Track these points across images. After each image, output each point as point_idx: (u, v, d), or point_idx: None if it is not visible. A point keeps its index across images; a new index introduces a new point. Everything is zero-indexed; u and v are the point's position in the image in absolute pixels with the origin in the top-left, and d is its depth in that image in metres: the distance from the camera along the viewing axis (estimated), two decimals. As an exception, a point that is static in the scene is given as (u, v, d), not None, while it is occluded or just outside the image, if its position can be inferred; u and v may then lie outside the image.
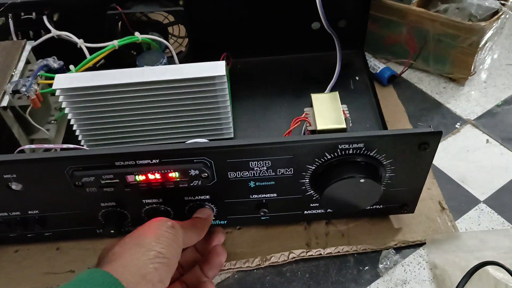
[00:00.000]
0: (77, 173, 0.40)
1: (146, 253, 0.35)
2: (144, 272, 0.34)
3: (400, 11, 0.60)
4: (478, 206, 0.50)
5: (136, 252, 0.35)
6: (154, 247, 0.35)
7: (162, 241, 0.36)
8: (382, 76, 0.62)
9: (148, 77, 0.46)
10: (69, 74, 0.48)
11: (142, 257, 0.34)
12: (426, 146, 0.40)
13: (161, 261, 0.35)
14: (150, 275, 0.34)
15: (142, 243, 0.36)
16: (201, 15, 0.57)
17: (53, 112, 0.55)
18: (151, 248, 0.35)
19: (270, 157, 0.40)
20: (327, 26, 0.57)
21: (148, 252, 0.35)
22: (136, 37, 0.53)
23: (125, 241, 0.36)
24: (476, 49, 0.58)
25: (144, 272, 0.34)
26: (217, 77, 0.46)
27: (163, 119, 0.49)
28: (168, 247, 0.36)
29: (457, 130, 0.58)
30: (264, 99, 0.58)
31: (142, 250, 0.35)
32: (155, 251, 0.35)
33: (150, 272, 0.34)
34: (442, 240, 0.47)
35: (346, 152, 0.40)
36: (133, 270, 0.34)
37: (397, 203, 0.46)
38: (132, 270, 0.33)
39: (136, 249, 0.35)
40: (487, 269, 0.43)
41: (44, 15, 0.55)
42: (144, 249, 0.35)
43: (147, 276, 0.34)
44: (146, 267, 0.34)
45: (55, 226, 0.46)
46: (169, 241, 0.37)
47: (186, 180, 0.41)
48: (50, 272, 0.47)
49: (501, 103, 0.60)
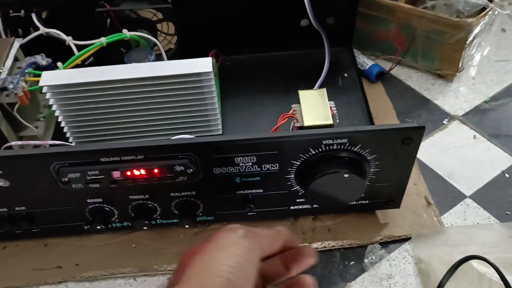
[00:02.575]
0: (63, 169, 0.40)
1: (212, 280, 0.29)
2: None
3: (389, 7, 0.60)
4: (464, 201, 0.50)
5: (202, 278, 0.30)
6: (222, 272, 0.30)
7: (232, 262, 0.30)
8: (370, 72, 0.62)
9: (134, 73, 0.46)
10: (57, 71, 0.48)
11: (208, 286, 0.29)
12: (410, 141, 0.40)
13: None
14: None
15: (210, 265, 0.30)
16: (190, 12, 0.58)
17: (41, 109, 0.55)
18: (218, 273, 0.30)
19: (255, 152, 0.41)
20: (315, 23, 0.57)
21: (214, 279, 0.29)
22: (124, 34, 0.53)
23: (194, 259, 0.31)
24: (463, 45, 0.58)
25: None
26: (204, 74, 0.46)
27: (151, 116, 0.50)
28: (241, 271, 0.30)
29: (445, 126, 0.58)
30: (253, 96, 0.59)
31: (209, 276, 0.30)
32: (222, 278, 0.29)
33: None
34: (427, 235, 0.47)
35: (330, 148, 0.40)
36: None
37: (383, 198, 0.47)
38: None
39: (202, 274, 0.30)
40: (471, 263, 0.44)
41: (33, 13, 0.55)
42: (210, 274, 0.30)
43: None
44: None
45: (42, 222, 0.46)
46: (242, 259, 0.31)
47: (172, 176, 0.41)
48: (38, 268, 0.47)
49: (489, 100, 0.61)
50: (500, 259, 0.43)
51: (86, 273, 0.46)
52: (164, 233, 0.49)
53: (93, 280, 0.46)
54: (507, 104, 0.60)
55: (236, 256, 0.31)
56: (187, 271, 0.30)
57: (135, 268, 0.46)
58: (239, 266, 0.30)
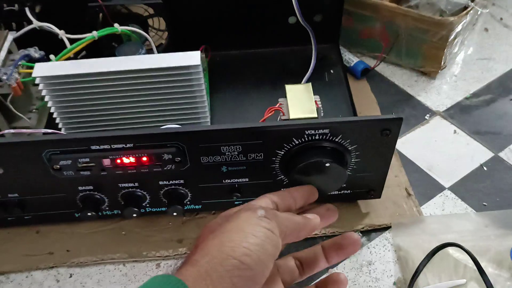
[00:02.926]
0: (55, 157, 0.41)
1: (225, 261, 0.28)
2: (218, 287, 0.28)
3: (374, 6, 0.62)
4: (443, 193, 0.52)
5: (214, 257, 0.29)
6: (236, 253, 0.29)
7: (250, 244, 0.29)
8: (356, 69, 0.64)
9: (125, 66, 0.47)
10: (49, 63, 0.49)
11: (219, 267, 0.28)
12: (388, 132, 0.42)
13: (241, 274, 0.28)
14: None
15: (224, 245, 0.29)
16: (181, 8, 0.59)
17: (34, 101, 0.56)
18: (232, 254, 0.29)
19: (240, 142, 0.42)
20: (302, 20, 0.59)
21: (227, 261, 0.28)
22: (115, 28, 0.54)
23: (209, 238, 0.30)
24: (445, 43, 0.60)
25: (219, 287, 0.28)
26: (192, 67, 0.48)
27: (141, 107, 0.51)
28: (257, 252, 0.29)
29: (426, 121, 0.60)
30: (241, 90, 0.60)
31: (222, 257, 0.28)
32: (235, 260, 0.28)
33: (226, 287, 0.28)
34: (407, 224, 0.49)
35: (312, 138, 0.42)
36: (207, 282, 0.28)
37: (364, 188, 0.48)
38: (206, 282, 0.28)
39: (216, 254, 0.29)
40: (447, 250, 0.46)
41: (27, 7, 0.56)
42: (224, 255, 0.29)
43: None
44: (221, 281, 0.28)
45: (34, 209, 0.48)
46: (260, 243, 0.29)
47: (160, 164, 0.43)
48: (30, 254, 0.48)
49: (470, 96, 0.63)
50: (475, 246, 0.45)
51: (77, 259, 0.48)
52: (153, 221, 0.50)
53: (83, 265, 0.48)
54: (487, 101, 0.62)
55: (252, 237, 0.29)
56: (203, 249, 0.30)
57: (124, 254, 0.48)
58: (255, 248, 0.29)
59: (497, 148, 0.56)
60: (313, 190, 0.41)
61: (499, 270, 0.45)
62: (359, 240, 0.39)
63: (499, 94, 0.63)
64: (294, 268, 0.39)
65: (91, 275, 0.47)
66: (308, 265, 0.40)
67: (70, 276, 0.47)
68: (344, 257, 0.40)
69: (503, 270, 0.45)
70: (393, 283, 0.46)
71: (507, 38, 0.71)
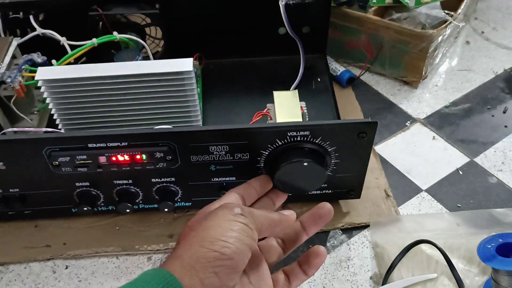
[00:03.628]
0: (54, 154, 0.44)
1: (206, 254, 0.31)
2: (202, 277, 0.31)
3: (358, 19, 0.66)
4: (420, 194, 0.56)
5: (196, 251, 0.32)
6: (215, 246, 0.32)
7: (227, 237, 0.32)
8: (341, 78, 0.68)
9: (122, 71, 0.51)
10: (51, 67, 0.53)
11: (201, 259, 0.31)
12: (364, 135, 0.45)
13: (222, 263, 0.31)
14: (208, 280, 0.31)
15: (204, 240, 0.32)
16: (176, 18, 0.63)
17: (36, 104, 0.59)
18: (212, 247, 0.32)
19: (227, 142, 0.45)
20: (290, 31, 0.63)
21: (209, 253, 0.31)
22: (114, 36, 0.58)
23: (191, 235, 0.34)
24: (426, 54, 0.64)
25: (203, 277, 0.31)
26: (185, 72, 0.51)
27: (137, 110, 0.54)
28: (235, 243, 0.32)
29: (407, 127, 0.63)
30: (233, 96, 0.63)
31: (203, 250, 0.32)
32: (216, 253, 0.31)
33: (209, 277, 0.31)
34: (384, 222, 0.52)
35: (294, 139, 0.45)
36: (192, 272, 0.31)
37: (344, 188, 0.51)
38: (191, 273, 0.31)
39: (197, 248, 0.32)
40: (420, 247, 0.49)
41: (31, 15, 0.59)
42: (205, 249, 0.32)
43: (205, 281, 0.31)
44: (204, 271, 0.31)
45: (34, 204, 0.51)
46: (237, 236, 0.32)
47: (152, 162, 0.46)
48: (28, 246, 0.51)
49: (449, 105, 0.66)
50: (447, 243, 0.48)
51: (73, 251, 0.50)
52: (146, 217, 0.53)
53: (78, 258, 0.51)
54: (466, 109, 0.65)
55: (230, 231, 0.32)
56: (185, 245, 0.33)
57: (117, 248, 0.51)
58: (233, 240, 0.32)
59: (473, 153, 0.60)
60: (267, 178, 0.44)
61: (469, 266, 0.48)
62: (332, 208, 0.42)
63: (477, 103, 0.66)
64: (276, 246, 0.42)
65: (85, 267, 0.50)
66: (289, 240, 0.42)
67: (66, 267, 0.50)
68: (321, 226, 0.42)
69: (472, 266, 0.48)
70: (370, 277, 0.48)
71: (487, 50, 0.75)
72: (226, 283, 0.32)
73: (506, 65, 0.72)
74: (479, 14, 0.81)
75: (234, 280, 0.33)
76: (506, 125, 0.63)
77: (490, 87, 0.69)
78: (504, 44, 0.75)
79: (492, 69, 0.71)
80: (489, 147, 0.60)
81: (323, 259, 0.40)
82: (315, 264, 0.40)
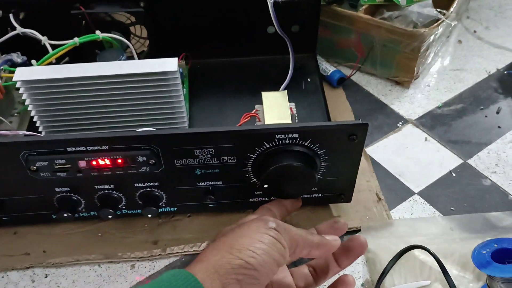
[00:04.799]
0: (32, 158, 0.42)
1: (232, 260, 0.32)
2: (224, 282, 0.31)
3: (349, 17, 0.64)
4: (412, 198, 0.54)
5: (223, 257, 0.32)
6: (242, 255, 0.32)
7: (256, 248, 0.33)
8: (332, 78, 0.66)
9: (103, 71, 0.49)
10: (30, 67, 0.51)
11: (226, 265, 0.32)
12: (355, 137, 0.44)
13: (246, 272, 0.32)
14: (230, 286, 0.31)
15: (234, 247, 0.33)
16: (162, 17, 0.61)
17: (16, 105, 0.57)
18: (238, 255, 0.32)
19: (213, 145, 0.44)
20: (279, 30, 0.61)
21: (234, 260, 0.32)
22: (97, 35, 0.56)
23: (221, 240, 0.34)
24: (417, 54, 0.62)
25: (225, 282, 0.31)
26: (170, 73, 0.49)
27: (120, 112, 0.52)
28: (262, 255, 0.32)
29: (399, 128, 0.62)
30: (220, 97, 0.62)
31: (230, 257, 0.32)
32: (242, 261, 0.32)
33: (231, 283, 0.31)
34: (376, 227, 0.51)
35: (283, 142, 0.44)
36: (215, 276, 0.31)
37: (335, 192, 0.50)
38: (213, 276, 0.31)
39: (224, 254, 0.32)
40: (413, 253, 0.47)
41: (11, 13, 0.57)
42: (232, 256, 0.32)
43: (227, 286, 0.31)
44: (227, 277, 0.31)
45: (12, 210, 0.49)
46: (265, 248, 0.33)
47: (135, 166, 0.44)
48: (6, 254, 0.49)
49: (442, 105, 0.65)
50: (440, 249, 0.47)
51: (53, 259, 0.48)
52: (129, 223, 0.52)
53: (59, 266, 0.49)
54: (458, 110, 0.64)
55: (259, 243, 0.33)
56: (214, 248, 0.34)
57: (100, 255, 0.49)
58: (261, 253, 0.32)
59: (466, 155, 0.58)
60: (298, 199, 0.48)
61: (463, 272, 0.46)
62: (366, 241, 0.42)
63: (469, 104, 0.65)
64: (308, 274, 0.42)
65: (66, 276, 0.48)
66: (321, 271, 0.42)
67: (46, 276, 0.48)
68: (354, 259, 0.42)
69: (467, 272, 0.46)
70: (361, 284, 0.47)
71: (480, 50, 0.73)
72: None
73: (499, 65, 0.71)
74: (471, 13, 0.80)
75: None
76: (499, 126, 0.62)
77: (483, 87, 0.67)
78: (497, 44, 0.74)
79: (485, 68, 0.70)
80: (482, 149, 0.59)
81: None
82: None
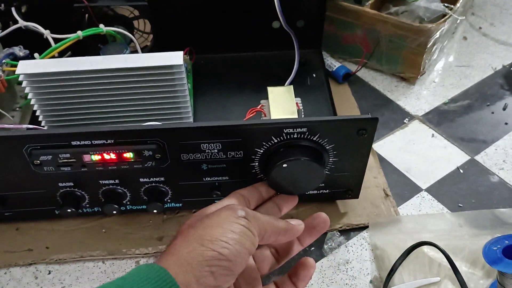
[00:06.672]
0: (35, 152, 0.42)
1: (204, 252, 0.31)
2: (198, 275, 0.30)
3: (355, 12, 0.64)
4: (420, 194, 0.53)
5: (195, 249, 0.31)
6: (215, 246, 0.31)
7: (228, 238, 0.32)
8: (337, 74, 0.65)
9: (107, 64, 0.48)
10: (33, 61, 0.50)
11: (199, 257, 0.31)
12: (364, 132, 0.43)
13: (219, 263, 0.31)
14: (203, 279, 0.30)
15: (204, 239, 0.32)
16: (166, 11, 0.60)
17: (18, 100, 0.57)
18: (211, 246, 0.31)
19: (219, 139, 0.43)
20: (285, 25, 0.60)
21: (207, 252, 0.31)
22: (100, 28, 0.55)
23: (190, 232, 0.33)
24: (424, 49, 0.62)
25: (198, 275, 0.30)
26: (175, 66, 0.49)
27: (124, 106, 0.52)
28: (235, 245, 0.32)
29: (405, 125, 0.61)
30: (225, 92, 0.61)
31: (202, 248, 0.31)
32: (215, 252, 0.31)
33: (204, 275, 0.30)
34: (384, 223, 0.50)
35: (291, 136, 0.43)
36: (187, 269, 0.30)
37: (342, 188, 0.49)
38: (186, 269, 0.30)
39: (196, 246, 0.31)
40: (422, 249, 0.47)
41: (13, 7, 0.56)
42: (204, 248, 0.31)
43: (200, 279, 0.30)
44: (201, 269, 0.30)
45: (15, 206, 0.48)
46: (237, 238, 0.32)
47: (140, 161, 0.43)
48: (9, 250, 0.48)
49: (448, 101, 0.64)
50: (449, 245, 0.46)
51: (56, 255, 0.48)
52: (134, 219, 0.51)
53: (62, 262, 0.48)
54: (465, 106, 0.64)
55: (231, 233, 0.32)
56: (183, 241, 0.32)
57: (103, 252, 0.48)
58: (233, 243, 0.32)
59: (473, 151, 0.58)
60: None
61: (473, 269, 0.46)
62: (327, 218, 0.41)
63: (476, 100, 0.64)
64: (270, 256, 0.41)
65: (69, 272, 0.47)
66: (283, 250, 0.41)
67: (49, 273, 0.47)
68: (316, 237, 0.41)
69: (476, 269, 0.46)
70: (370, 281, 0.46)
71: (485, 46, 0.73)
72: (220, 284, 0.31)
73: (505, 61, 0.70)
74: (476, 9, 0.80)
75: (228, 283, 0.32)
76: (506, 122, 0.61)
77: (489, 83, 0.67)
78: (502, 40, 0.74)
79: (490, 65, 0.70)
80: (489, 145, 0.59)
81: (311, 271, 0.39)
82: (303, 277, 0.39)
